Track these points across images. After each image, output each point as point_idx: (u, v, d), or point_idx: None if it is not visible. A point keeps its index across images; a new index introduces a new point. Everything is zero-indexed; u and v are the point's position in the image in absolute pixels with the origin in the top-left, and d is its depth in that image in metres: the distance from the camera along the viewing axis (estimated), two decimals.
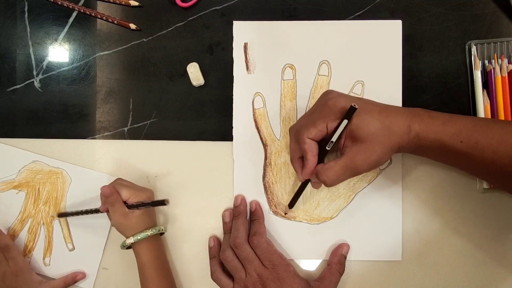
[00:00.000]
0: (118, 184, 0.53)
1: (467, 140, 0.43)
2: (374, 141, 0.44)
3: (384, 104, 0.47)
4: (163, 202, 0.52)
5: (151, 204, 0.52)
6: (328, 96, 0.47)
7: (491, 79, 0.53)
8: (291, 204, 0.54)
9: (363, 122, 0.44)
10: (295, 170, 0.51)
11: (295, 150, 0.49)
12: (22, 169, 0.57)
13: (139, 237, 0.51)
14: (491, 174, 0.45)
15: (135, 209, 0.52)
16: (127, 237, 0.52)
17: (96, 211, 0.54)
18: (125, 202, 0.52)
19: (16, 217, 0.57)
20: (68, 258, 0.57)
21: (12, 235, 0.57)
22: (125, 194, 0.52)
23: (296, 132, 0.48)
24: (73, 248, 0.57)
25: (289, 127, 0.50)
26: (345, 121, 0.45)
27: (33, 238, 0.57)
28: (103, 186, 0.51)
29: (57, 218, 0.57)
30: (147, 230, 0.52)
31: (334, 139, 0.45)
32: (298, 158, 0.49)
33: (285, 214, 0.55)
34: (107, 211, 0.52)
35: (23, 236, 0.57)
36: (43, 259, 0.57)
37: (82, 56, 0.58)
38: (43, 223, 0.57)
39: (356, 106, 0.44)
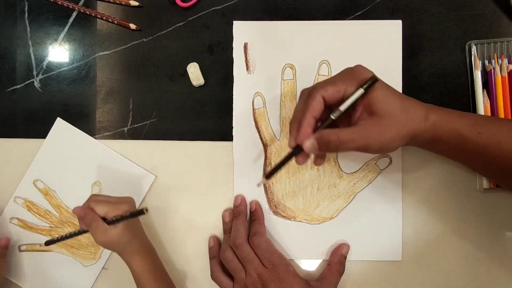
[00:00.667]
0: (92, 201, 0.49)
1: (485, 132, 0.43)
2: (392, 119, 0.43)
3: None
4: (142, 212, 0.47)
5: (130, 216, 0.48)
6: (357, 65, 0.45)
7: (491, 79, 0.53)
8: (269, 175, 0.46)
9: (385, 97, 0.43)
10: (290, 133, 0.46)
11: (299, 111, 0.45)
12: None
13: None
14: (509, 171, 0.44)
15: (115, 224, 0.48)
16: (118, 254, 0.50)
17: (80, 232, 0.51)
18: (105, 219, 0.48)
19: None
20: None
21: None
22: (101, 210, 0.48)
23: (311, 89, 0.44)
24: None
25: (303, 88, 0.47)
26: (361, 90, 0.42)
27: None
28: (75, 208, 0.49)
29: (45, 246, 0.55)
30: None
31: (342, 107, 0.43)
32: (299, 121, 0.44)
33: (258, 185, 0.52)
34: None
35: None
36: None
37: (82, 56, 0.58)
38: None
39: (378, 79, 0.43)
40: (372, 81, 0.42)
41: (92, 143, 0.57)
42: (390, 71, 0.55)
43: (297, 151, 0.44)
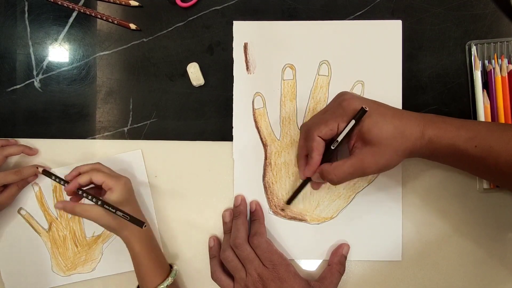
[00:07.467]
0: (94, 169, 0.51)
1: (482, 145, 0.43)
2: (385, 145, 0.44)
3: (397, 108, 0.47)
4: (142, 223, 0.47)
5: (130, 219, 0.48)
6: (343, 97, 0.47)
7: (491, 79, 0.53)
8: (289, 201, 0.54)
9: (376, 125, 0.44)
10: (298, 167, 0.51)
11: (302, 148, 0.49)
12: None
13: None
14: (507, 178, 0.44)
15: (109, 209, 0.48)
16: (118, 233, 0.51)
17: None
18: (101, 196, 0.50)
19: None
20: None
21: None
22: (99, 178, 0.50)
23: (307, 129, 0.48)
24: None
25: (302, 123, 0.51)
26: (352, 122, 0.44)
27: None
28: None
29: (42, 174, 0.54)
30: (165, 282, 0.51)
31: (339, 138, 0.46)
32: (304, 156, 0.50)
33: (282, 210, 0.55)
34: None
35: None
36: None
37: (82, 56, 0.58)
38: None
39: (367, 108, 0.44)
40: (361, 112, 0.44)
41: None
42: (390, 71, 0.55)
43: (308, 180, 0.51)
